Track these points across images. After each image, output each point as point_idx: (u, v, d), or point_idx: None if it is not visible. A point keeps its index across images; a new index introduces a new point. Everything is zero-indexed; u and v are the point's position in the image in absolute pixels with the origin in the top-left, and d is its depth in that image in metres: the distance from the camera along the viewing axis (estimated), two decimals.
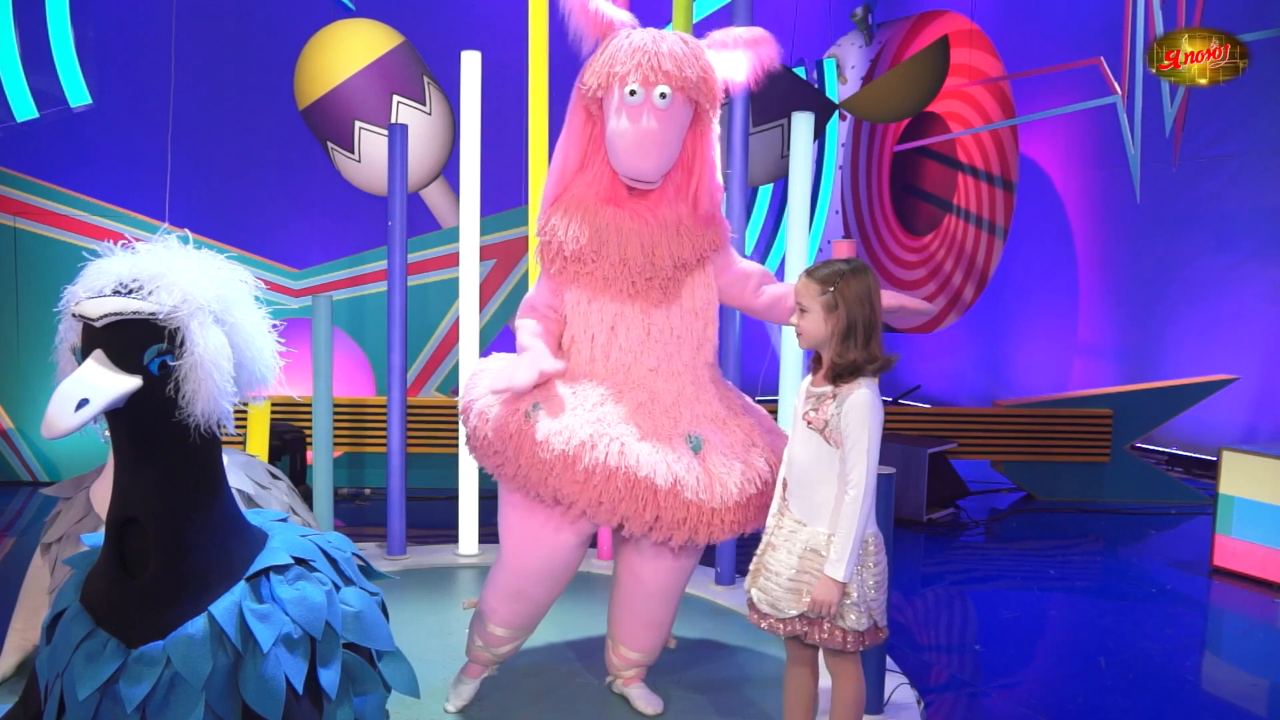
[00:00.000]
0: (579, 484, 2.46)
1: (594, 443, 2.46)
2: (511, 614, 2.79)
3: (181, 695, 1.69)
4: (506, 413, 2.56)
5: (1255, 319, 6.68)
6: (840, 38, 9.40)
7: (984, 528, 5.56)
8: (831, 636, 2.27)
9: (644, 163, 2.56)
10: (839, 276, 2.25)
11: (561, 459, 2.45)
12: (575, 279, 2.68)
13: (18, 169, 5.65)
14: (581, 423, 2.50)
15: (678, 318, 2.69)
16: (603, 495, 2.46)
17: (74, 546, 2.50)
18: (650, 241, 2.61)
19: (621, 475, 2.44)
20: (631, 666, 2.94)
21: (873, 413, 2.21)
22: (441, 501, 5.29)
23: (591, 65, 2.61)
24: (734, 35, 2.71)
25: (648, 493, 2.46)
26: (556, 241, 2.65)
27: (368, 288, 5.87)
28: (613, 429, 2.50)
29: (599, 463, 2.44)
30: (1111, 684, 3.38)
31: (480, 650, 2.88)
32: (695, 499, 2.48)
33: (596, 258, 2.61)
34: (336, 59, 5.73)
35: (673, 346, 2.68)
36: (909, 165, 9.20)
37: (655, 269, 2.63)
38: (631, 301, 2.65)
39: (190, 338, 1.65)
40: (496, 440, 2.56)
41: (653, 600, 2.80)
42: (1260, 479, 4.55)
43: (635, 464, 2.45)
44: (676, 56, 2.55)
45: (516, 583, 2.74)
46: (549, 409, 2.53)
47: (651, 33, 2.61)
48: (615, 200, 2.65)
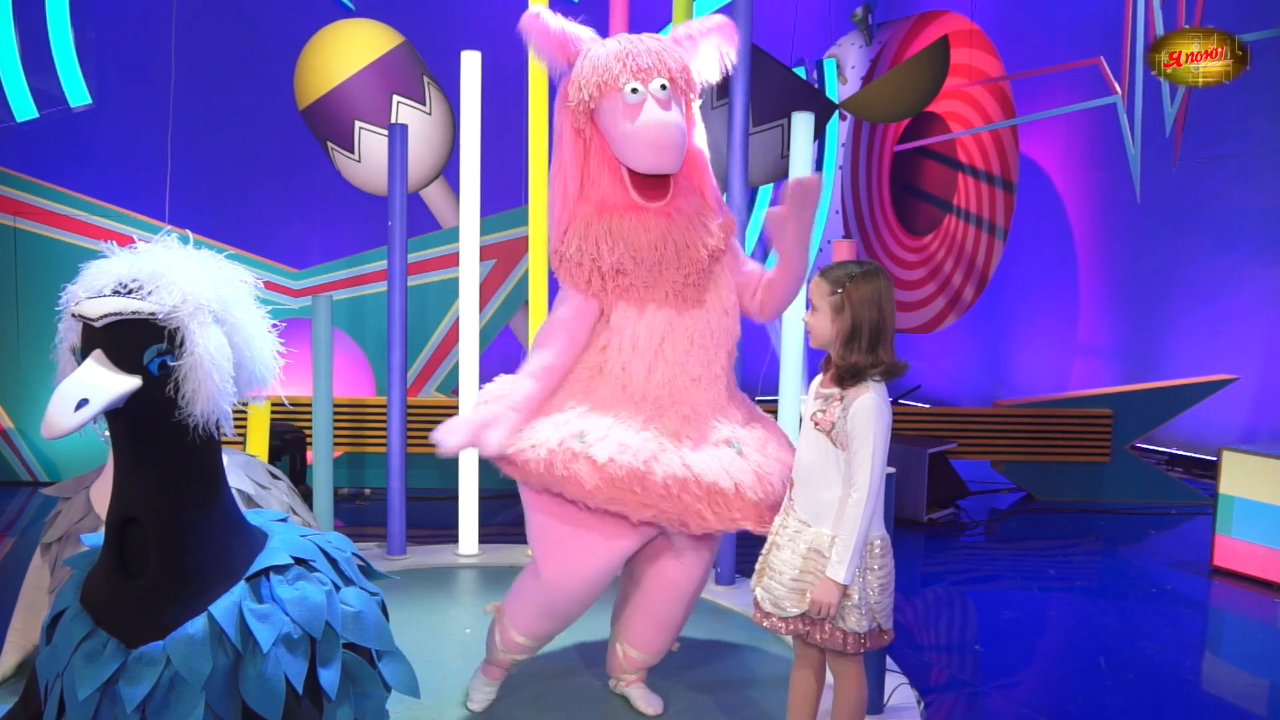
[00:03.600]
0: (661, 496, 2.45)
1: (658, 456, 2.46)
2: (540, 628, 2.80)
3: (181, 695, 1.69)
4: (550, 458, 2.49)
5: (1255, 319, 6.68)
6: (840, 38, 9.40)
7: (984, 528, 5.56)
8: (832, 637, 2.27)
9: (666, 154, 2.54)
10: (849, 278, 2.25)
11: (632, 474, 2.43)
12: (619, 294, 2.61)
13: (18, 169, 5.65)
14: (637, 439, 2.49)
15: (716, 319, 2.67)
16: (679, 503, 2.46)
17: (74, 546, 2.50)
18: (681, 238, 2.59)
19: (693, 484, 2.46)
20: (636, 669, 2.95)
21: (879, 417, 2.21)
22: (441, 501, 5.29)
23: (573, 80, 2.58)
24: (694, 27, 2.70)
25: (718, 497, 2.48)
26: (589, 261, 2.59)
27: (368, 288, 5.87)
28: (668, 442, 2.51)
29: (670, 474, 2.45)
30: (1111, 684, 3.38)
31: (501, 654, 2.88)
32: (755, 499, 2.51)
33: (636, 265, 2.56)
34: (336, 59, 5.73)
35: (712, 351, 2.66)
36: (909, 165, 9.20)
37: (693, 263, 2.60)
38: (675, 309, 2.61)
39: (190, 338, 1.65)
40: (548, 481, 2.51)
41: (676, 602, 2.82)
42: (1260, 479, 4.55)
43: (702, 471, 2.47)
44: (656, 50, 2.56)
45: (555, 605, 2.72)
46: (596, 435, 2.50)
47: (620, 37, 2.62)
48: (631, 208, 2.62)
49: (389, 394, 4.35)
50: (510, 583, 2.64)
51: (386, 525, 4.41)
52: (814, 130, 4.24)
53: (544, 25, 2.58)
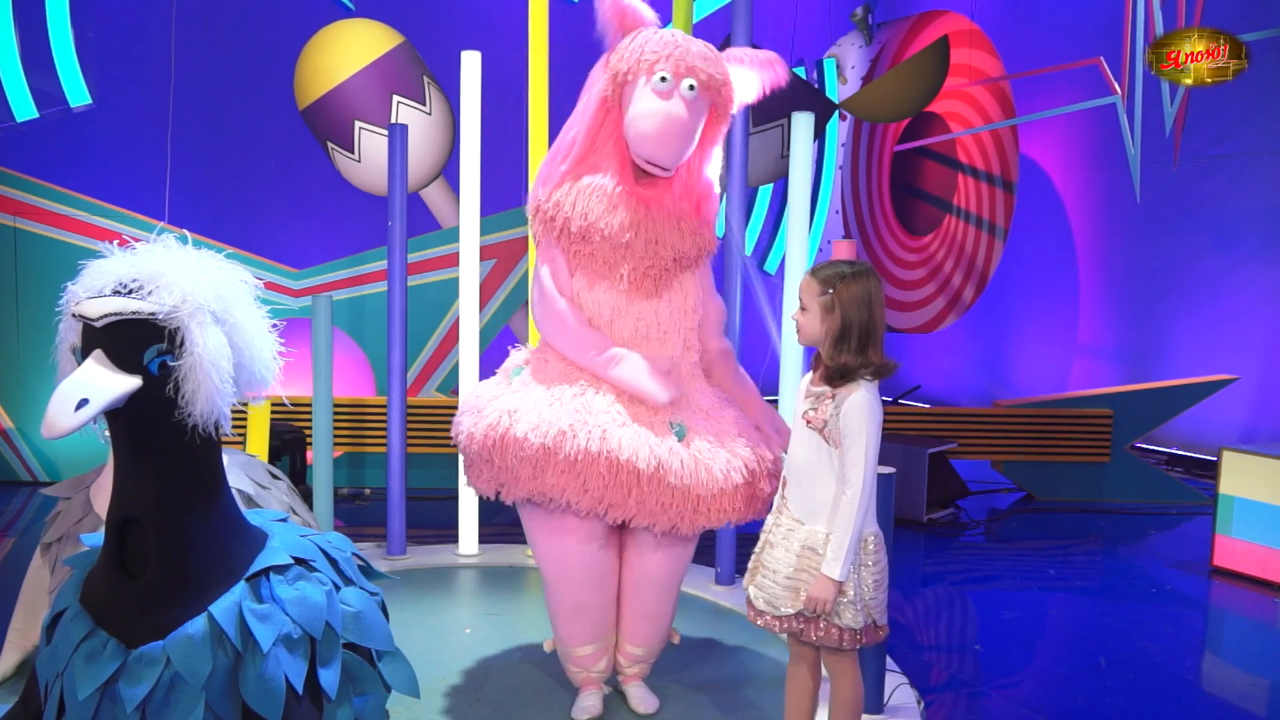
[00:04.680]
0: (563, 474, 2.49)
1: (574, 431, 2.48)
2: (584, 629, 2.82)
3: (181, 695, 1.69)
4: (486, 424, 2.59)
5: (1255, 319, 6.68)
6: (840, 38, 9.40)
7: (984, 528, 5.56)
8: (828, 634, 2.28)
9: (665, 147, 2.59)
10: (839, 278, 2.25)
11: (542, 452, 2.48)
12: (574, 258, 2.69)
13: (18, 169, 5.65)
14: (560, 414, 2.53)
15: (665, 314, 2.71)
16: (587, 483, 2.49)
17: (74, 546, 2.50)
18: (655, 231, 2.64)
19: (604, 460, 2.47)
20: (635, 663, 2.95)
21: (870, 414, 2.22)
22: (441, 501, 5.29)
23: (619, 51, 2.64)
24: (750, 54, 2.79)
25: (630, 478, 2.48)
26: (562, 216, 2.65)
27: (368, 288, 5.87)
28: (594, 417, 2.52)
29: (580, 449, 2.47)
30: (1111, 684, 3.38)
31: (579, 674, 2.90)
32: (680, 484, 2.50)
33: (602, 240, 2.62)
34: (336, 59, 5.73)
35: (657, 343, 2.70)
36: (909, 165, 9.20)
37: (656, 259, 2.66)
38: (626, 295, 2.67)
39: (190, 338, 1.65)
40: (484, 452, 2.59)
41: (653, 592, 2.84)
42: (1260, 479, 4.55)
43: (617, 448, 2.48)
44: (705, 56, 2.63)
45: (571, 598, 2.77)
46: (525, 407, 2.57)
47: (678, 33, 2.67)
48: (620, 184, 2.66)
49: (389, 394, 4.35)
50: (509, 583, 2.67)
51: (386, 525, 4.41)
52: (814, 130, 4.25)
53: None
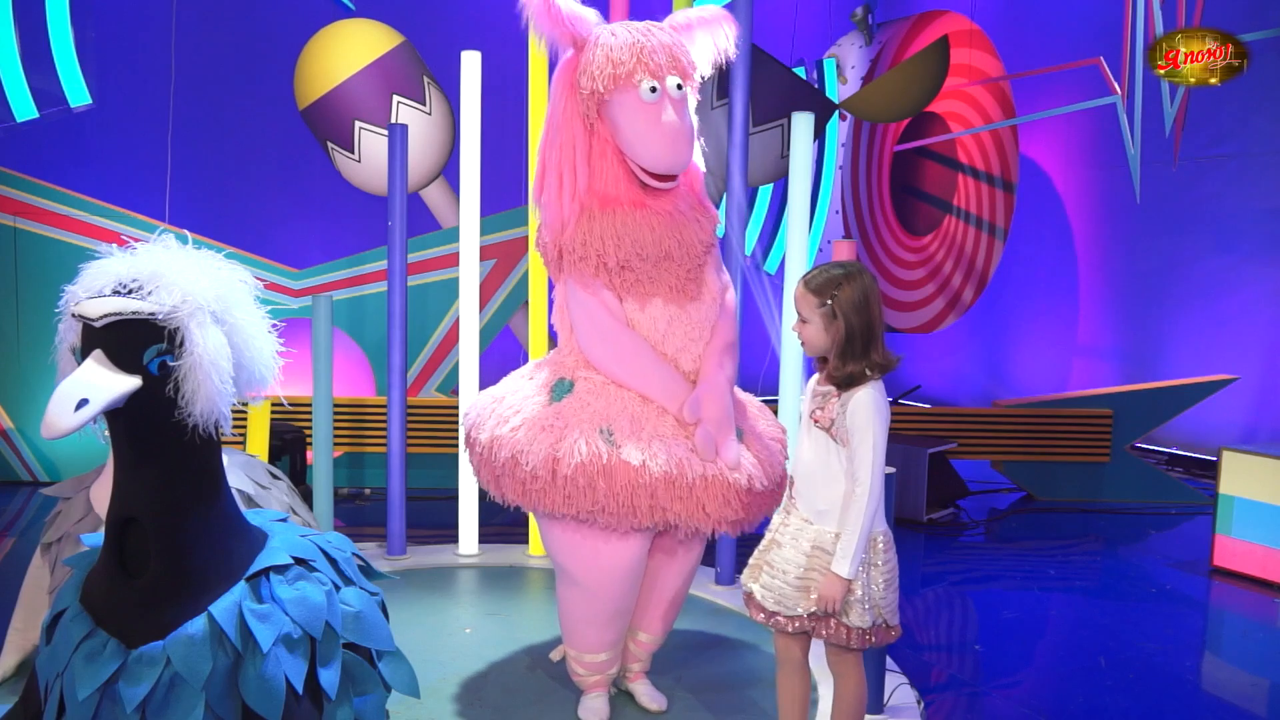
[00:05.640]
0: (682, 500, 2.49)
1: (689, 460, 2.50)
2: (614, 634, 2.80)
3: (181, 695, 1.69)
4: (587, 450, 2.48)
5: (1255, 319, 6.68)
6: (840, 38, 9.40)
7: (984, 528, 5.56)
8: (837, 633, 2.28)
9: (679, 158, 2.58)
10: (835, 285, 2.25)
11: (665, 479, 2.47)
12: (624, 289, 2.64)
13: (18, 169, 5.64)
14: (662, 439, 2.53)
15: (709, 309, 2.72)
16: (706, 507, 2.50)
17: (74, 546, 2.50)
18: (682, 234, 2.63)
19: (718, 484, 2.50)
20: (646, 654, 2.98)
21: (877, 411, 2.22)
22: (441, 501, 5.29)
23: (584, 69, 2.56)
24: (692, 15, 2.70)
25: (737, 496, 2.53)
26: (594, 253, 2.59)
27: (368, 288, 5.87)
28: (686, 441, 2.55)
29: (699, 475, 2.49)
30: (1111, 684, 3.38)
31: (588, 677, 2.88)
32: (762, 489, 2.58)
33: (642, 261, 2.59)
34: (336, 59, 5.73)
35: (702, 343, 2.70)
36: (909, 165, 9.20)
37: (693, 258, 2.65)
38: (677, 303, 2.65)
39: (190, 338, 1.65)
40: (577, 479, 2.47)
41: (681, 580, 2.90)
42: (1260, 479, 4.55)
43: (721, 470, 2.52)
44: (671, 45, 2.56)
45: (612, 605, 2.72)
46: (620, 433, 2.52)
47: (631, 26, 2.58)
48: (635, 203, 2.62)
49: (389, 394, 4.35)
50: (509, 583, 2.65)
51: (386, 525, 4.41)
52: (814, 130, 4.25)
53: (547, 4, 2.54)
